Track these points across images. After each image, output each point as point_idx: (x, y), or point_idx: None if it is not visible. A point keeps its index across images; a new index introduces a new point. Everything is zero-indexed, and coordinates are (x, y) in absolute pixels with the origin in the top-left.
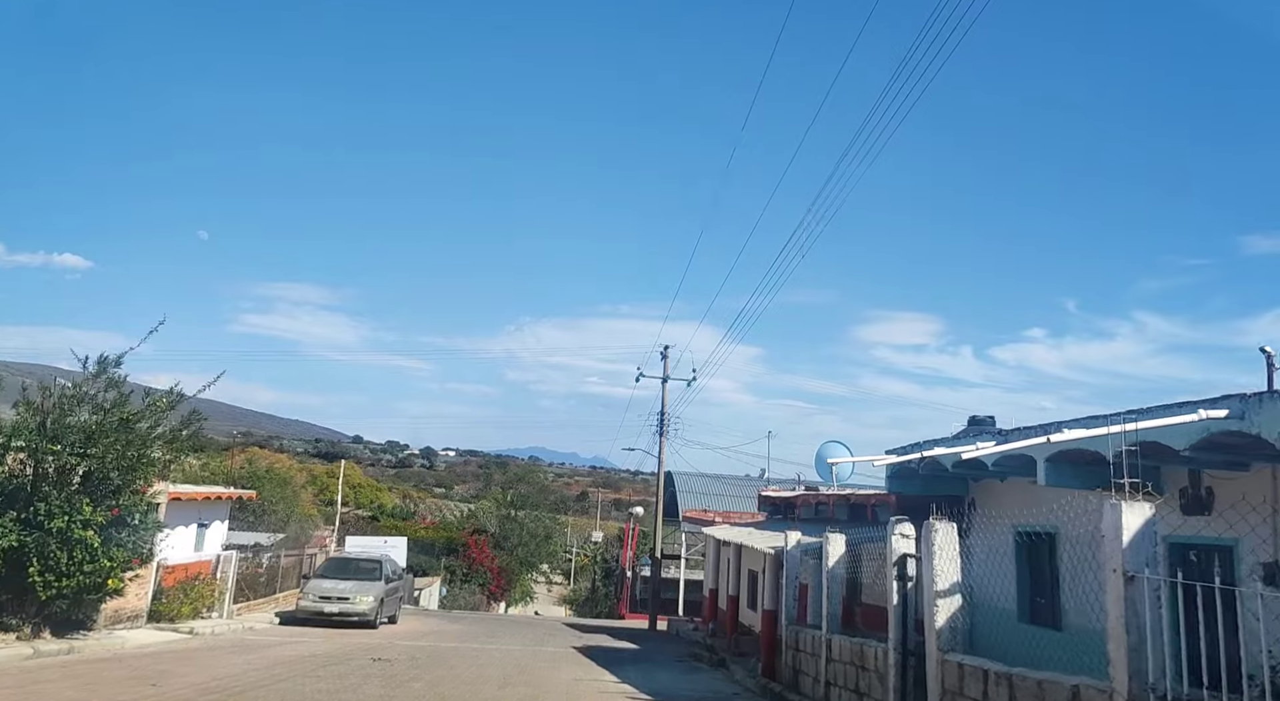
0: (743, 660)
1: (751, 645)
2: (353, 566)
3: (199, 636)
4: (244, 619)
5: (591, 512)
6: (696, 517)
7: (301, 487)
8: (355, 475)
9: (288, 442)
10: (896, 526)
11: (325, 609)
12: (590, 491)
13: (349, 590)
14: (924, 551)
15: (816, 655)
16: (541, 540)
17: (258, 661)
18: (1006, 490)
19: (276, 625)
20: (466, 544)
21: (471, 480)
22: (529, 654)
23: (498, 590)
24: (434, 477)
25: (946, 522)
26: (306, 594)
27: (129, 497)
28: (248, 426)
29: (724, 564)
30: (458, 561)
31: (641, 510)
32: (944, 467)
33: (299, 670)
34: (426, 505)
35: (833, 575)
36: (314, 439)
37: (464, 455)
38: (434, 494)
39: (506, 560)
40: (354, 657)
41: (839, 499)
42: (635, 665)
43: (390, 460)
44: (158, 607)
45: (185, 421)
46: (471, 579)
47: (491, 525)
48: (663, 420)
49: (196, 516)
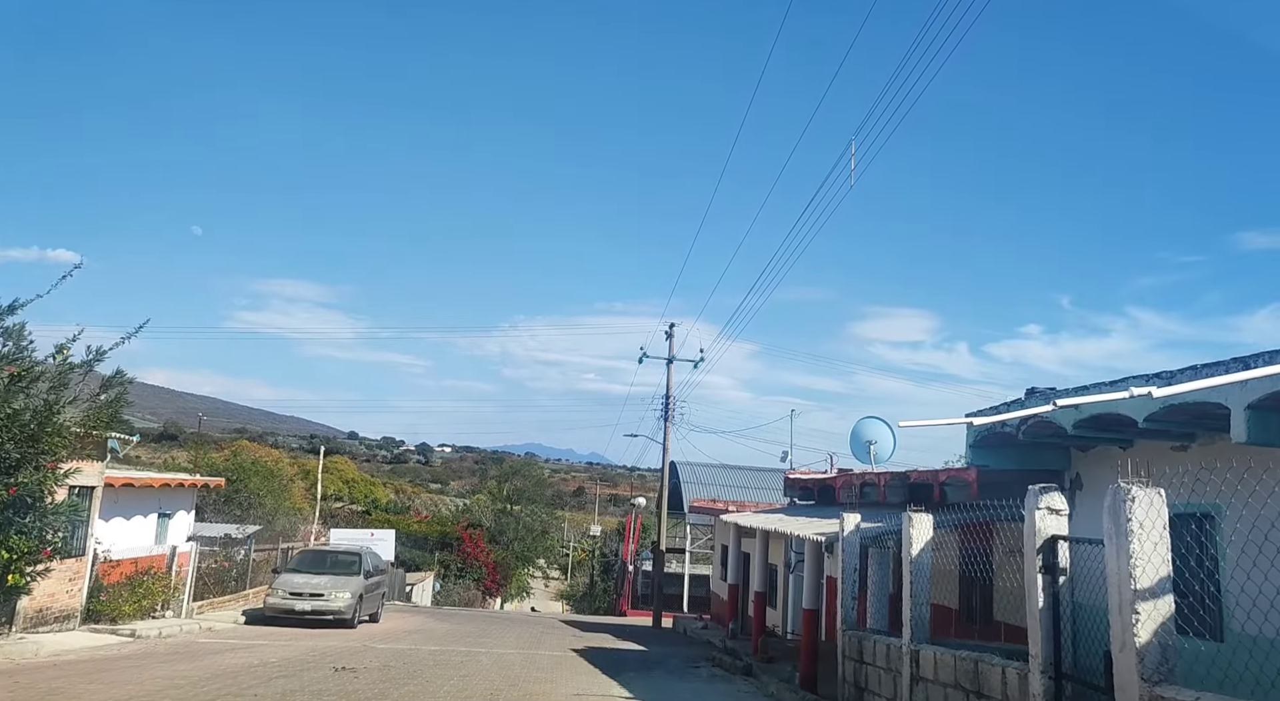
0: (772, 667)
1: (781, 649)
2: (329, 559)
3: (140, 640)
4: (205, 618)
5: (588, 508)
6: (705, 507)
7: (290, 481)
8: (349, 470)
9: (283, 439)
10: (1041, 497)
11: (296, 606)
12: (587, 487)
13: (323, 585)
14: (1113, 530)
15: (894, 672)
16: (538, 535)
17: (191, 673)
18: (1131, 460)
19: (241, 625)
20: (461, 538)
21: (467, 476)
22: (523, 659)
23: (493, 585)
24: (430, 473)
25: (1152, 488)
26: (275, 590)
27: (31, 475)
28: (243, 422)
29: (741, 556)
30: (452, 556)
31: (644, 500)
32: (1057, 430)
33: (235, 686)
34: (421, 500)
35: (918, 566)
36: (309, 435)
37: (460, 451)
38: (429, 489)
39: (502, 555)
40: (313, 667)
41: (894, 478)
42: (646, 673)
43: (386, 456)
44: (96, 606)
45: (106, 383)
46: (466, 574)
47: (487, 519)
48: (668, 403)
49: (156, 506)
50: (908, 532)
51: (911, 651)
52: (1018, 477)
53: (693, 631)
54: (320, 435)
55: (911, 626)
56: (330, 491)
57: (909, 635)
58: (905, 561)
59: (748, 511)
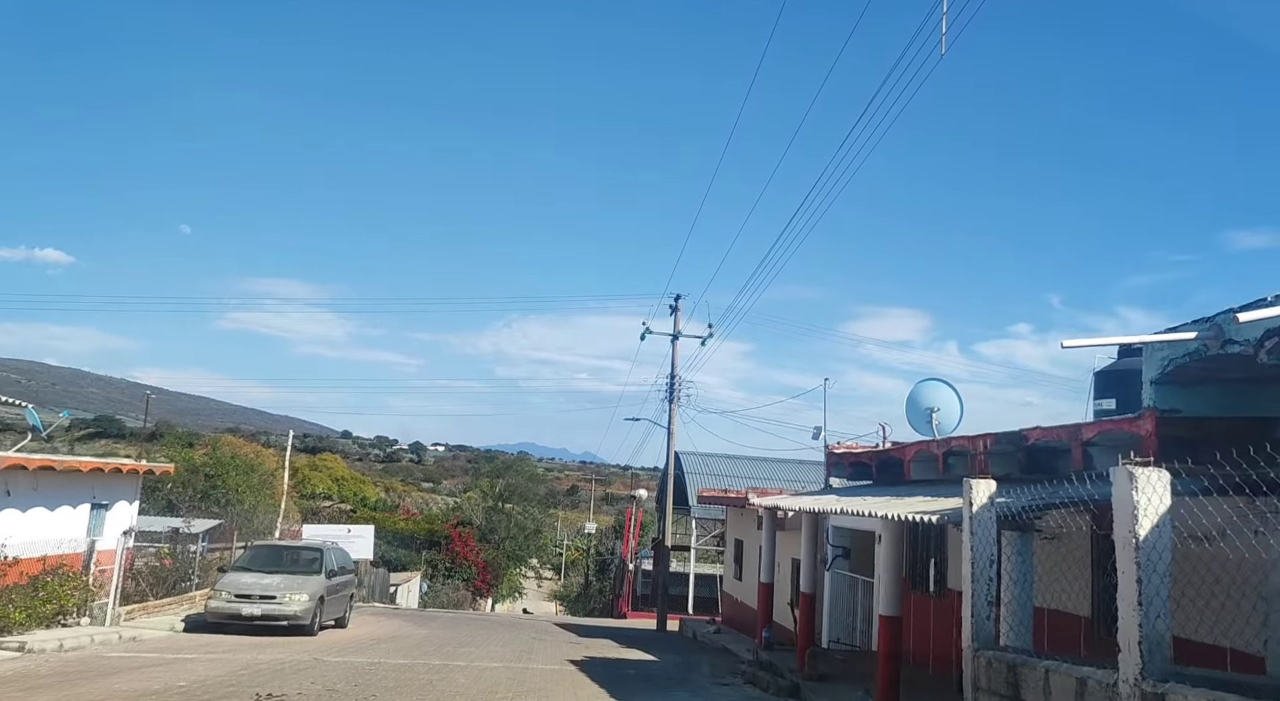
0: (827, 688)
1: (832, 664)
2: (285, 556)
3: (28, 656)
4: (134, 626)
5: (582, 507)
6: (716, 498)
7: (271, 475)
8: (338, 468)
9: (275, 438)
10: None
11: (243, 611)
12: (581, 486)
13: (276, 586)
14: None
15: None
16: (531, 533)
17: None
18: None
19: (178, 633)
20: (450, 536)
21: (460, 474)
22: (509, 676)
23: (483, 586)
24: (422, 472)
25: None
26: (219, 592)
27: None
28: (236, 422)
29: (771, 551)
30: (440, 555)
31: (645, 492)
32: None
33: None
34: (412, 499)
35: (1151, 552)
36: (303, 434)
37: (453, 450)
38: (421, 488)
39: (493, 554)
40: (232, 694)
41: (1000, 441)
42: (666, 694)
43: (379, 455)
44: None
45: None
46: (455, 574)
47: (477, 517)
48: (673, 383)
49: (89, 495)
50: (1128, 499)
51: (1148, 693)
52: (1223, 428)
53: (704, 636)
54: (314, 434)
55: (1143, 650)
56: (319, 490)
57: (1136, 665)
58: (1125, 546)
59: (783, 496)
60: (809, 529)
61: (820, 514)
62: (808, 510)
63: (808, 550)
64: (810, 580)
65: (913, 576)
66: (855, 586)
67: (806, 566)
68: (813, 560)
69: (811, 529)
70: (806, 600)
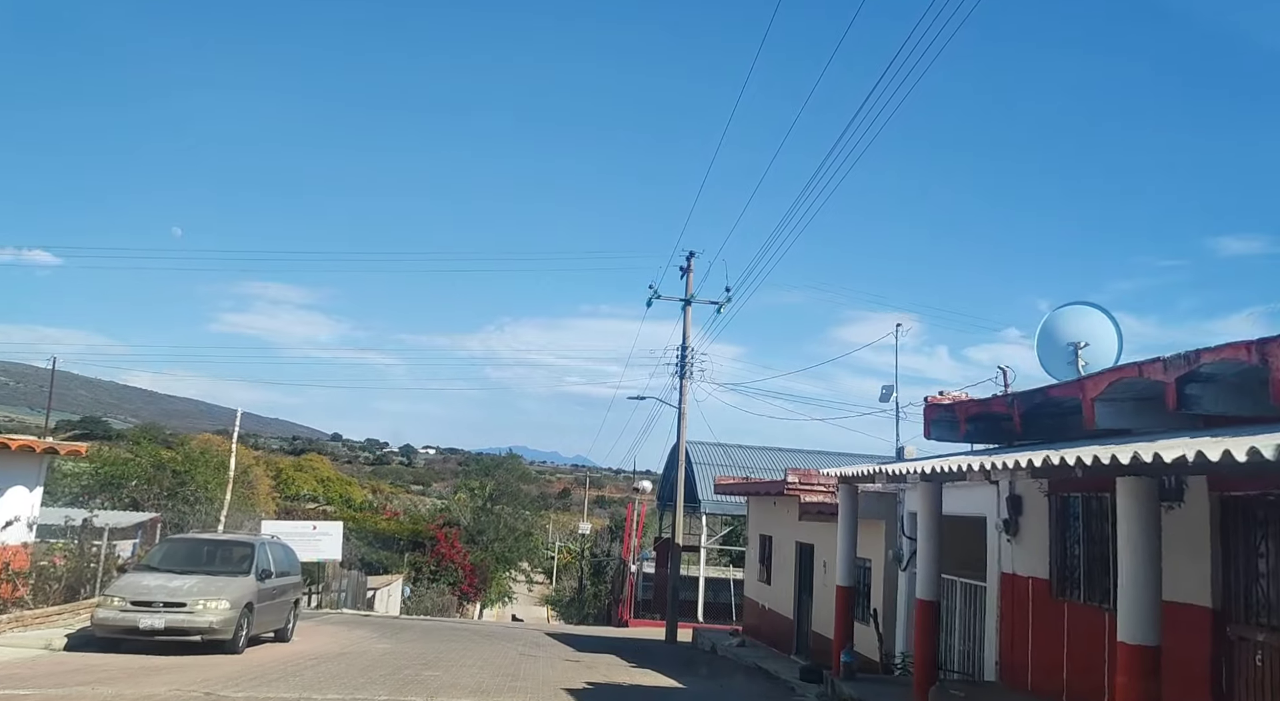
0: None
1: None
2: (204, 553)
3: None
4: None
5: (574, 510)
6: (737, 487)
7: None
8: (324, 468)
9: (264, 440)
10: None
11: (142, 623)
12: (572, 489)
13: (187, 590)
14: None
15: None
16: (522, 535)
17: None
18: None
19: (53, 652)
20: (435, 537)
21: (450, 477)
22: None
23: (470, 590)
24: (412, 475)
25: None
26: (111, 598)
27: None
28: (225, 424)
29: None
30: (424, 558)
31: (649, 485)
32: None
33: None
34: (400, 500)
35: None
36: (292, 437)
37: (444, 453)
38: (410, 490)
39: (481, 556)
40: None
41: None
42: None
43: (368, 457)
44: None
45: None
46: (440, 577)
47: (465, 517)
48: (684, 355)
49: None
50: None
51: None
52: None
53: (726, 650)
54: (303, 437)
55: None
56: (305, 490)
57: None
58: None
59: (812, 487)
60: (928, 505)
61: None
62: (959, 471)
63: (928, 536)
64: (932, 584)
65: (1064, 578)
66: (951, 591)
67: (927, 561)
68: (935, 552)
69: (931, 505)
70: (926, 609)
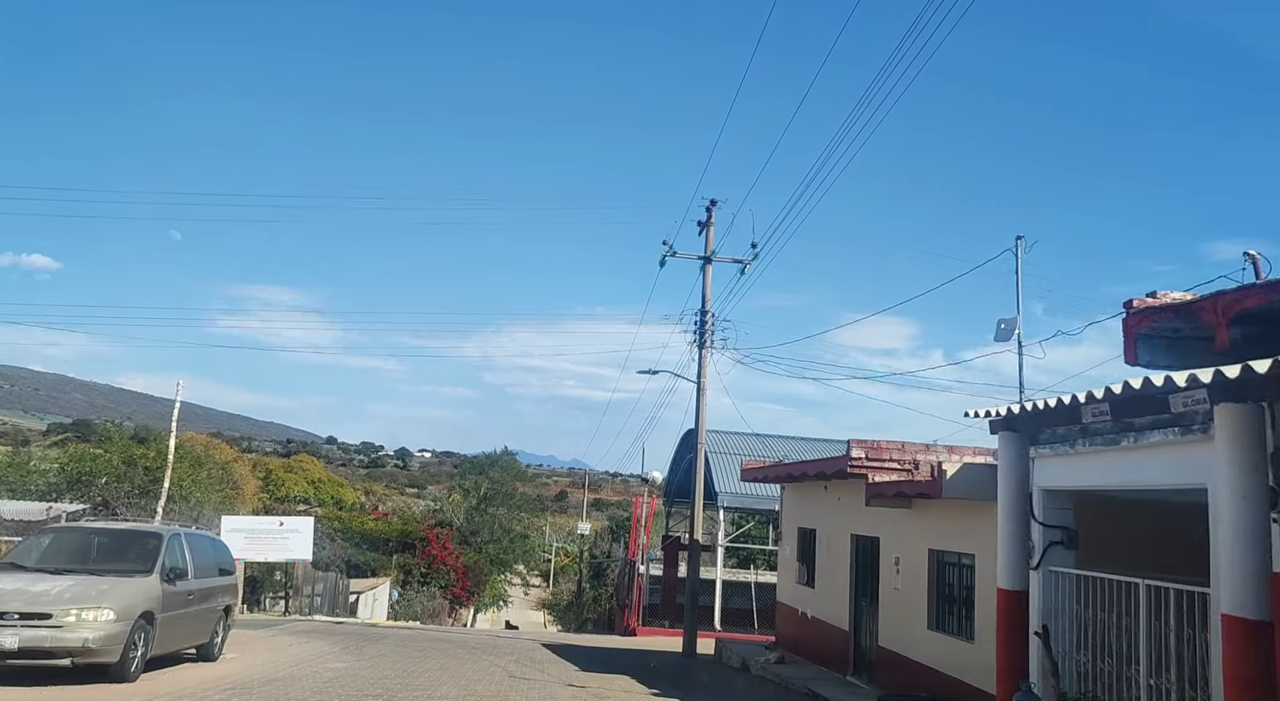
0: None
1: None
2: (92, 547)
3: None
4: None
5: (571, 512)
6: (772, 472)
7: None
8: (315, 470)
9: (258, 443)
10: None
11: None
12: (569, 491)
13: (55, 597)
14: None
15: None
16: (517, 536)
17: None
18: None
19: None
20: (426, 538)
21: (446, 480)
22: None
23: (463, 593)
24: (407, 478)
25: None
26: None
27: None
28: (219, 427)
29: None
30: (414, 559)
31: (659, 475)
32: None
33: None
34: (393, 502)
35: None
36: (286, 439)
37: (440, 456)
38: (405, 493)
39: (474, 558)
40: None
41: None
42: None
43: (362, 460)
44: None
45: None
46: (431, 580)
47: (458, 518)
48: (703, 321)
49: None
50: None
51: None
52: None
53: (762, 667)
54: (297, 440)
55: None
56: (295, 492)
57: None
58: None
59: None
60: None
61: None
62: None
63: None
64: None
65: None
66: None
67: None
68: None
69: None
70: (1255, 629)
